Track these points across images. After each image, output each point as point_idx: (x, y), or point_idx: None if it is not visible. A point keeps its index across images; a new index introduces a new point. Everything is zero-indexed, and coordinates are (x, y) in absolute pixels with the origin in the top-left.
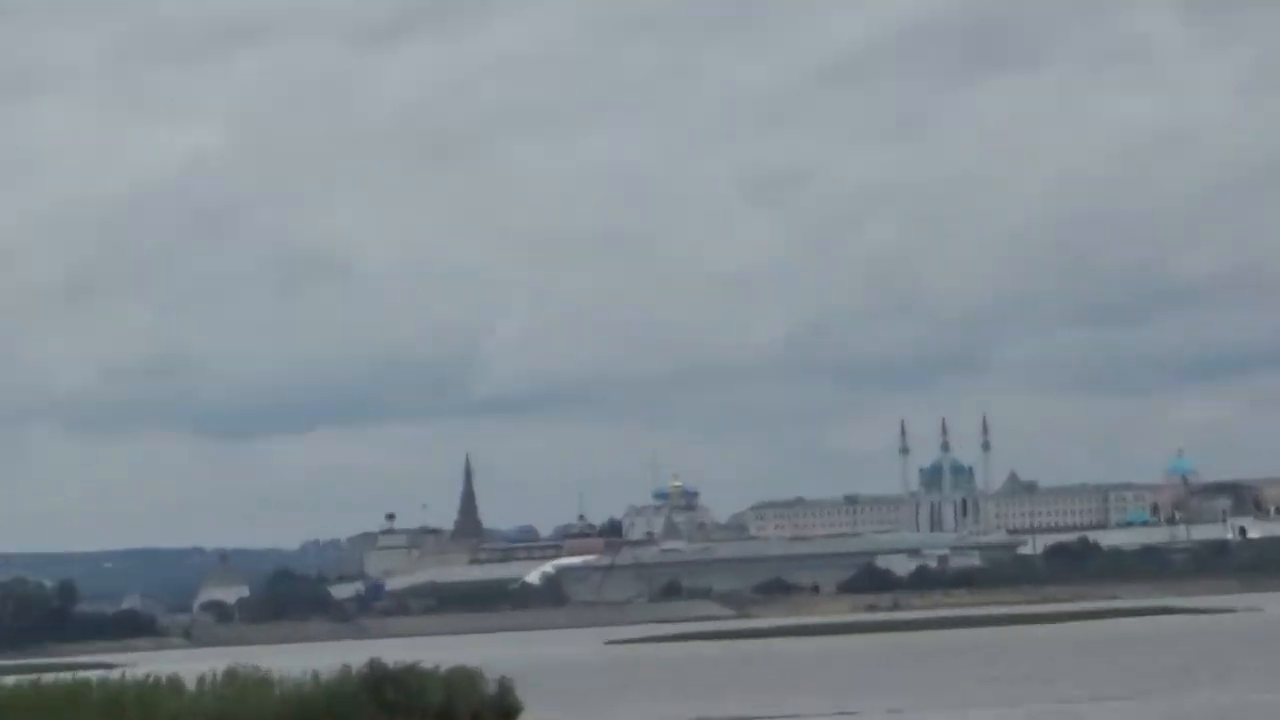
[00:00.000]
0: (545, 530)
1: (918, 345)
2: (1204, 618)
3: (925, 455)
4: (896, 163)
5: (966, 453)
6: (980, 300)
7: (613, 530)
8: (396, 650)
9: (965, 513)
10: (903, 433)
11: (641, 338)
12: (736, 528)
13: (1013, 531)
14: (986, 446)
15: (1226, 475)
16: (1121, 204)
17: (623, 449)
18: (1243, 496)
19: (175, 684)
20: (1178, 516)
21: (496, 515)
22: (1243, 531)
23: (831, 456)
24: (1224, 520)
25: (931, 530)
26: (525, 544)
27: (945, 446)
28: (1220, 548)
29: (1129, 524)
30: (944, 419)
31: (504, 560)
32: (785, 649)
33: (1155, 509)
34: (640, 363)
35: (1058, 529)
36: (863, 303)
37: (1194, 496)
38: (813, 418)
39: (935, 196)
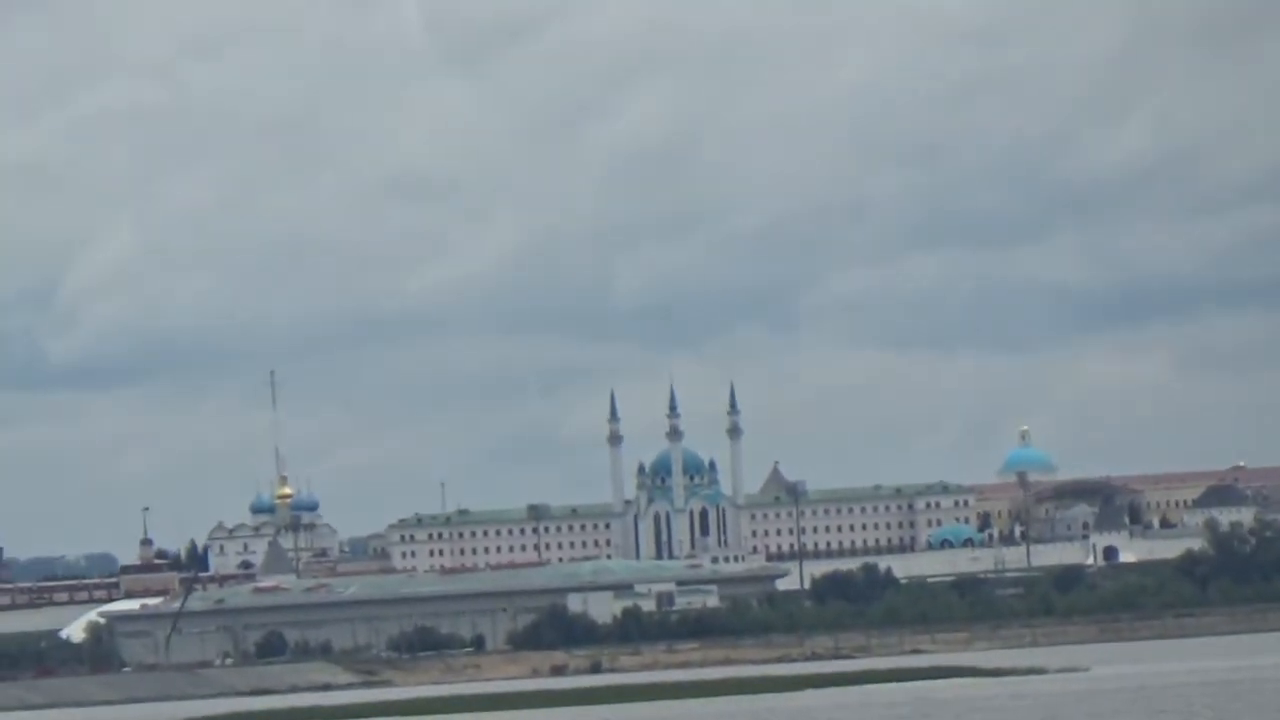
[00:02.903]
0: (91, 561)
1: (665, 280)
2: (997, 682)
3: (648, 445)
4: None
5: (708, 440)
6: (768, 213)
7: (194, 561)
8: None
9: (705, 530)
10: (612, 410)
11: (265, 271)
12: (371, 555)
13: (774, 557)
14: (735, 432)
15: (1092, 470)
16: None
17: (211, 438)
18: (1113, 503)
19: None
20: (1017, 533)
21: (17, 540)
22: (1109, 554)
23: (511, 448)
24: (1084, 537)
25: (657, 556)
26: (62, 582)
27: (675, 433)
28: (1073, 578)
29: (944, 544)
30: (672, 389)
31: (32, 606)
32: None
33: (985, 522)
34: (257, 308)
35: (839, 553)
36: (599, 215)
37: (1042, 503)
38: (488, 391)
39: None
